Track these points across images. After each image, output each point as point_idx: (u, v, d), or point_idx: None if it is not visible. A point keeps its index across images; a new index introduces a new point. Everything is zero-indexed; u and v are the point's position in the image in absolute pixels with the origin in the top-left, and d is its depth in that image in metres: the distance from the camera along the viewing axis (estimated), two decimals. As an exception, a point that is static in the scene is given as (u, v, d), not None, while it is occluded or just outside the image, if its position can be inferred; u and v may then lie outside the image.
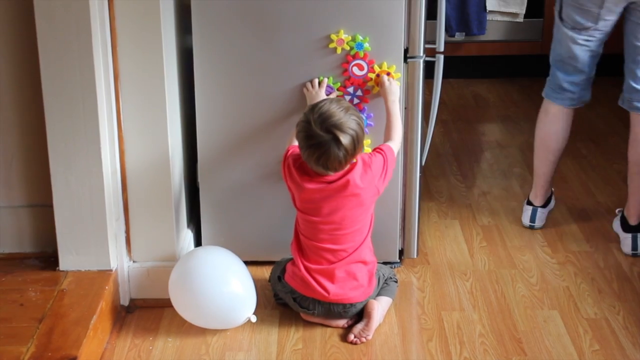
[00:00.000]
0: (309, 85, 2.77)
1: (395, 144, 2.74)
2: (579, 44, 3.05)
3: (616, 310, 2.80)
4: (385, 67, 2.78)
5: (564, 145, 3.24)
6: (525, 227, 3.32)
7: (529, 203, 3.35)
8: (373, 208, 2.70)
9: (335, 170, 2.58)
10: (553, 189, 3.40)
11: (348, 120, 2.52)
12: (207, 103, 2.84)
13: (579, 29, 3.03)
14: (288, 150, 2.69)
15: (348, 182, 2.60)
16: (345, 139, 2.51)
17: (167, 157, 2.71)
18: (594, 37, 3.03)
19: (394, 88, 2.77)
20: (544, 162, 3.27)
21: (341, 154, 2.52)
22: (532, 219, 3.31)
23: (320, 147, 2.52)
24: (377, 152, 2.68)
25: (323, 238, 2.65)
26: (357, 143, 2.54)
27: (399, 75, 2.79)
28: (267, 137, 2.85)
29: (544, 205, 3.33)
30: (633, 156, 3.08)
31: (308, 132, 2.53)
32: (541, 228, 3.32)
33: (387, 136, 2.75)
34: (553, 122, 3.21)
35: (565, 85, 3.13)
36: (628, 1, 2.92)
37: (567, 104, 3.17)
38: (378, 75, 2.78)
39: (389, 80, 2.77)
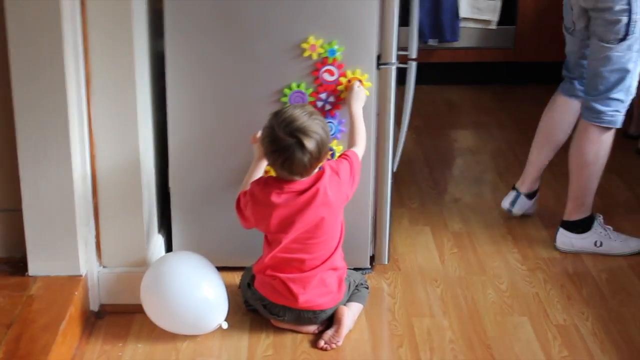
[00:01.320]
0: (252, 137, 2.74)
1: (360, 149, 2.74)
2: (568, 43, 3.21)
3: (585, 317, 2.81)
4: (358, 74, 2.78)
5: (564, 138, 3.32)
6: (504, 211, 3.42)
7: (514, 188, 3.42)
8: (342, 215, 2.70)
9: (301, 175, 2.57)
10: (539, 187, 3.45)
11: (312, 124, 2.52)
12: (179, 107, 2.83)
13: (567, 28, 3.19)
14: (244, 193, 2.67)
15: (317, 191, 2.59)
16: (309, 143, 2.50)
17: (137, 162, 2.69)
18: (577, 38, 3.16)
19: (362, 95, 2.77)
20: (540, 149, 3.35)
21: (306, 158, 2.51)
22: (512, 204, 3.40)
23: (284, 152, 2.51)
24: (343, 158, 2.68)
25: (295, 248, 2.64)
26: (321, 147, 2.53)
27: (370, 84, 2.80)
28: (239, 142, 2.84)
29: (528, 196, 3.37)
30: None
31: (272, 136, 2.53)
32: (517, 217, 3.41)
33: (352, 141, 2.75)
34: (557, 111, 3.30)
35: (565, 73, 3.28)
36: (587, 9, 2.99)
37: (564, 93, 3.29)
38: (349, 81, 2.78)
39: (358, 86, 2.77)
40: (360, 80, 2.78)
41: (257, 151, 2.73)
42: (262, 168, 2.72)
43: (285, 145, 2.51)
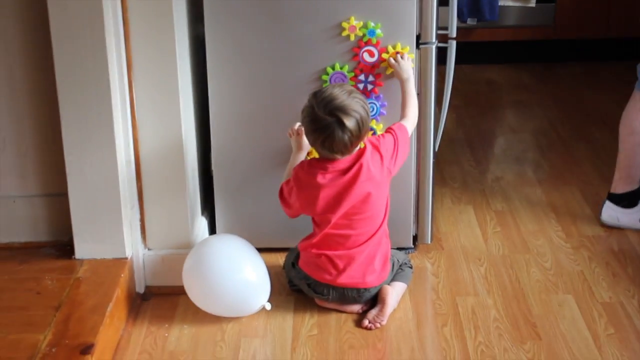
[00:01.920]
0: (290, 130, 2.75)
1: (409, 122, 2.72)
2: None
3: (631, 294, 2.78)
4: (399, 47, 2.76)
5: None
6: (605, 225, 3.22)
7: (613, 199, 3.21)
8: (388, 190, 2.69)
9: (342, 153, 2.56)
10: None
11: (351, 103, 2.51)
12: (220, 91, 2.84)
13: None
14: (286, 182, 2.68)
15: (361, 167, 2.59)
16: (349, 122, 2.49)
17: (180, 145, 2.71)
18: None
19: (406, 65, 2.74)
20: (628, 149, 3.17)
21: (346, 137, 2.51)
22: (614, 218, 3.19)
23: (324, 131, 2.51)
24: (388, 132, 2.68)
25: (341, 224, 2.64)
26: (362, 126, 2.52)
27: (412, 56, 2.77)
28: (280, 124, 2.84)
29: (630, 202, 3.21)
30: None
31: (312, 116, 2.53)
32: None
33: (402, 114, 2.74)
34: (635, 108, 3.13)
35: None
36: None
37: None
38: (391, 57, 2.76)
39: (402, 58, 2.74)
40: (402, 55, 2.76)
41: (295, 144, 2.74)
42: (301, 160, 2.72)
43: (325, 124, 2.50)
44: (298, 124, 2.68)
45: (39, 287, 2.59)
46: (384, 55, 2.76)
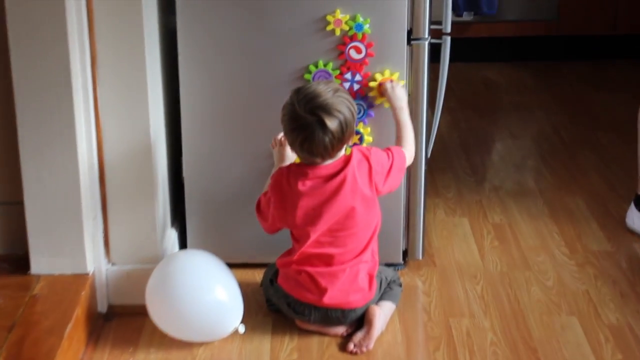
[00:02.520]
0: (273, 141, 2.79)
1: (407, 151, 2.75)
2: None
3: (640, 316, 2.82)
4: (387, 74, 2.80)
5: None
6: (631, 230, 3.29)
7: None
8: (378, 208, 2.71)
9: (322, 157, 2.58)
10: None
11: (336, 102, 2.53)
12: (192, 89, 2.85)
13: None
14: (264, 193, 2.70)
15: (345, 177, 2.60)
16: (331, 123, 2.51)
17: (149, 149, 2.71)
18: None
19: (399, 93, 2.78)
20: None
21: (327, 138, 2.52)
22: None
23: (303, 130, 2.53)
24: (385, 151, 2.70)
25: (323, 242, 2.65)
26: (345, 127, 2.54)
27: (403, 82, 2.81)
28: (258, 127, 2.85)
29: None
30: None
31: (292, 114, 2.54)
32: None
33: (398, 144, 2.77)
34: None
35: None
36: None
37: None
38: (380, 85, 2.80)
39: (392, 85, 2.78)
40: (392, 80, 2.80)
41: (277, 156, 2.76)
42: None
43: (304, 123, 2.52)
44: (282, 134, 2.70)
45: (-10, 305, 2.59)
46: (372, 84, 2.80)
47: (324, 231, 2.64)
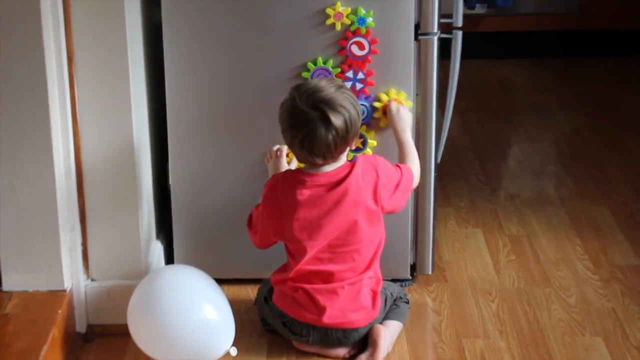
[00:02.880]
0: (268, 155, 2.80)
1: (415, 171, 2.75)
2: None
3: (671, 336, 2.80)
4: (393, 94, 2.79)
5: None
6: None
7: None
8: (382, 220, 2.69)
9: (324, 157, 2.57)
10: None
11: (340, 98, 2.54)
12: (179, 90, 2.84)
13: None
14: (256, 206, 2.70)
15: (348, 187, 2.59)
16: (335, 118, 2.51)
17: (132, 154, 2.70)
18: None
19: (404, 115, 2.79)
20: None
21: (330, 135, 2.52)
22: None
23: (305, 126, 2.52)
24: (395, 166, 2.71)
25: (323, 258, 2.64)
26: (350, 126, 2.54)
27: (410, 104, 2.81)
28: (251, 130, 2.85)
29: None
30: None
31: (292, 109, 2.55)
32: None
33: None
34: None
35: None
36: None
37: None
38: (385, 105, 2.81)
39: (396, 107, 2.79)
40: (397, 101, 2.80)
41: (272, 169, 2.77)
42: None
43: (306, 118, 2.52)
44: (277, 146, 2.70)
45: (-42, 325, 2.58)
46: (377, 104, 2.81)
47: (323, 247, 2.62)
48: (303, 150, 2.57)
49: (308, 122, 2.52)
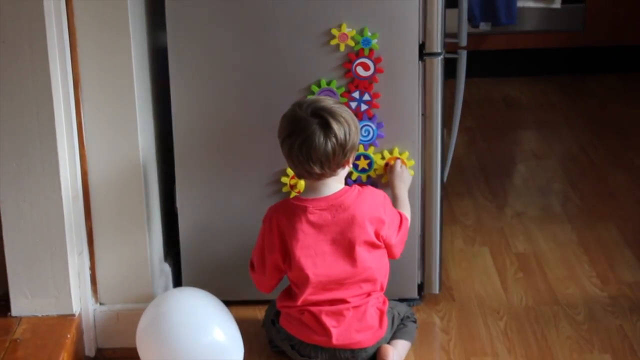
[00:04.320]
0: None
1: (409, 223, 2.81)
2: None
3: (680, 353, 2.80)
4: (396, 153, 2.83)
5: None
6: None
7: None
8: (386, 258, 2.72)
9: (321, 165, 2.57)
10: None
11: (340, 109, 2.58)
12: (185, 112, 2.85)
13: None
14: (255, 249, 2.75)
15: (354, 215, 2.61)
16: (336, 125, 2.53)
17: (139, 176, 2.71)
18: None
19: (406, 176, 2.84)
20: None
21: (329, 143, 2.53)
22: None
23: (303, 131, 2.54)
24: (396, 209, 2.76)
25: (331, 288, 2.65)
26: (349, 138, 2.56)
27: (412, 162, 2.85)
28: (258, 151, 2.85)
29: None
30: None
31: (292, 118, 2.58)
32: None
33: None
34: None
35: None
36: None
37: None
38: (387, 163, 2.85)
39: (401, 166, 2.84)
40: (400, 159, 2.84)
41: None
42: None
43: (305, 125, 2.55)
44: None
45: (-33, 350, 2.59)
46: (380, 161, 2.84)
47: (330, 279, 2.63)
48: (300, 156, 2.56)
49: (307, 128, 2.55)
